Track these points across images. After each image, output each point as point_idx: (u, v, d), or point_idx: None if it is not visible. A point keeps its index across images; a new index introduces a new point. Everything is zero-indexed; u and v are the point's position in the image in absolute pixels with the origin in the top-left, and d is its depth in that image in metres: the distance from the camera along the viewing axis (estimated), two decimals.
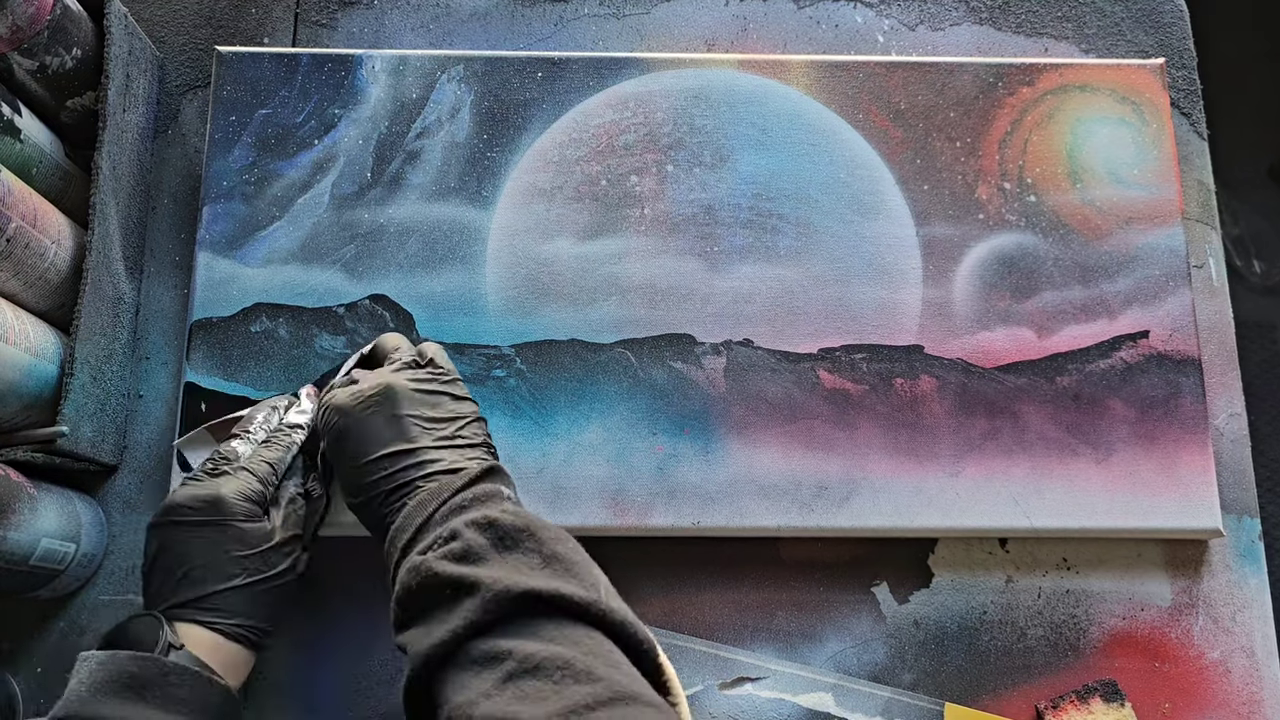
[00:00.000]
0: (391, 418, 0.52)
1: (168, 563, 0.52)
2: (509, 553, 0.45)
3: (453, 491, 0.49)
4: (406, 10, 0.74)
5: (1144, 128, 0.70)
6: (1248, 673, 0.64)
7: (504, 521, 0.46)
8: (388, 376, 0.54)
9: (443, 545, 0.46)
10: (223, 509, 0.53)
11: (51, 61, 0.62)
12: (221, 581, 0.52)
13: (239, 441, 0.57)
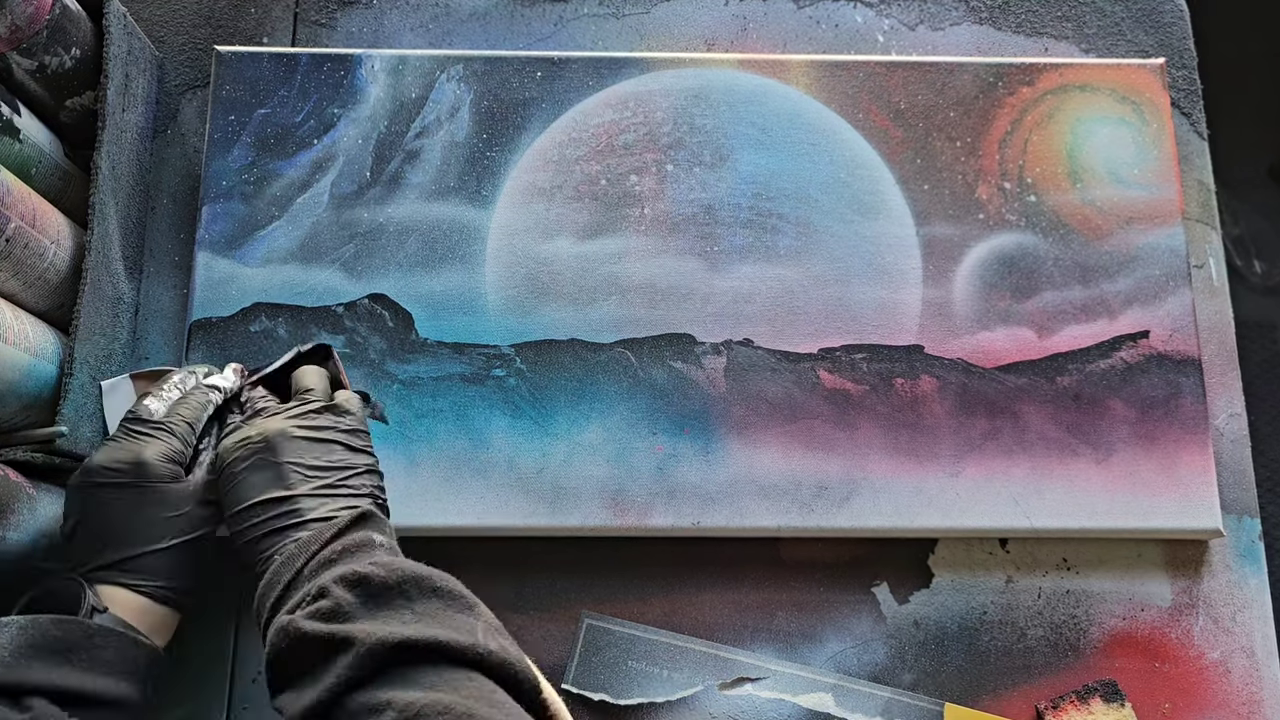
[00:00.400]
0: (272, 464, 0.51)
1: (89, 526, 0.51)
2: (379, 610, 0.43)
3: (321, 544, 0.47)
4: (406, 10, 0.74)
5: (1144, 127, 0.70)
6: (1248, 673, 0.64)
7: (374, 577, 0.44)
8: (276, 423, 0.53)
9: (311, 603, 0.44)
10: (145, 472, 0.52)
11: (50, 61, 0.62)
12: (145, 544, 0.51)
13: (153, 399, 0.56)
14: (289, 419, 0.53)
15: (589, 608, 0.64)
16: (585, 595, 0.64)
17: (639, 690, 0.62)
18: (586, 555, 0.64)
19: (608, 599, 0.64)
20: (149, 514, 0.52)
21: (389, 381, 0.65)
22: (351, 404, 0.56)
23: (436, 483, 0.63)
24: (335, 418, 0.54)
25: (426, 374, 0.65)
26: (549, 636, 0.63)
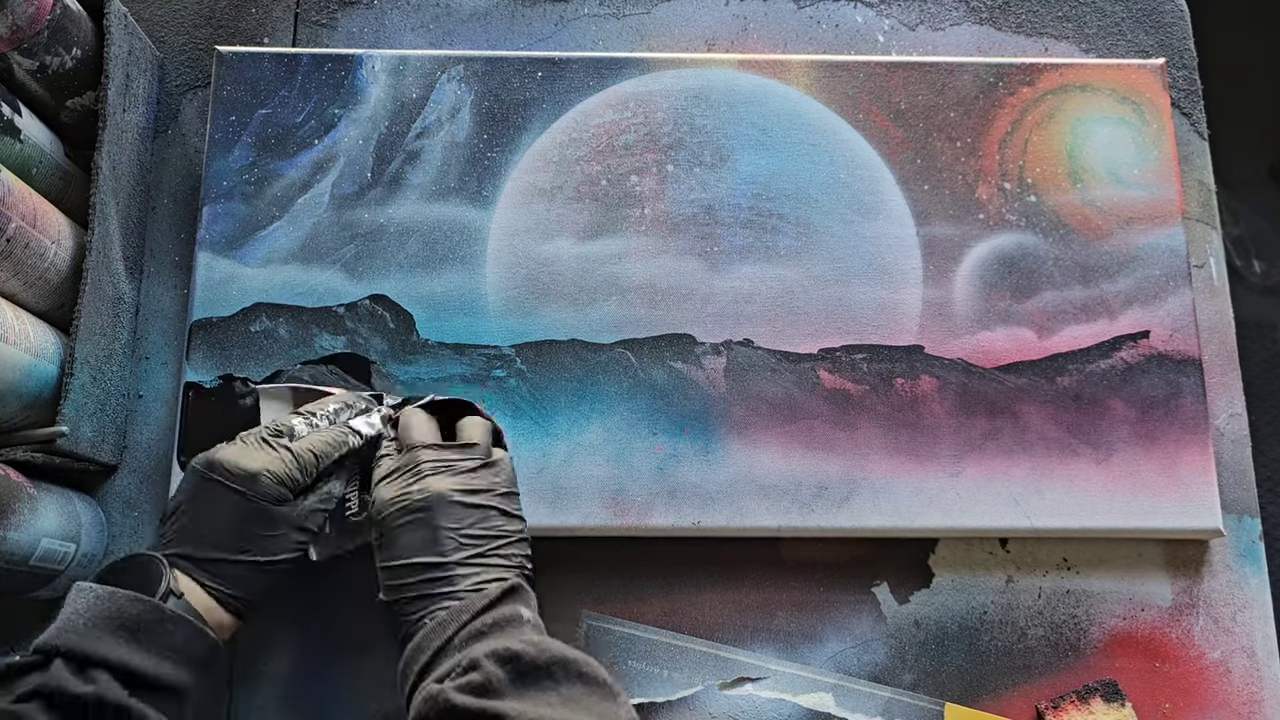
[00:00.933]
0: (431, 528, 0.52)
1: (190, 514, 0.52)
2: (528, 690, 0.44)
3: (472, 614, 0.48)
4: (406, 10, 0.74)
5: (1144, 128, 0.70)
6: (1248, 673, 0.64)
7: (525, 655, 0.45)
8: (437, 484, 0.53)
9: (461, 675, 0.45)
10: (256, 486, 0.53)
11: (51, 61, 0.62)
12: (231, 552, 0.52)
13: (301, 420, 0.57)
14: (450, 480, 0.53)
15: (589, 608, 0.64)
16: (585, 595, 0.64)
17: (639, 690, 0.62)
18: (586, 555, 0.64)
19: (608, 599, 0.64)
20: (247, 526, 0.53)
21: (390, 382, 0.65)
22: (507, 465, 0.56)
23: None
24: (493, 478, 0.55)
25: (427, 375, 0.65)
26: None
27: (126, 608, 0.47)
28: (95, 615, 0.47)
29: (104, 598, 0.47)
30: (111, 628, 0.47)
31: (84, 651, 0.45)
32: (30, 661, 0.46)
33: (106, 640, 0.46)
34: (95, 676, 0.45)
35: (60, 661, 0.45)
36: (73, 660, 0.45)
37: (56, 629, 0.46)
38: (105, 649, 0.46)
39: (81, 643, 0.46)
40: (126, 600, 0.47)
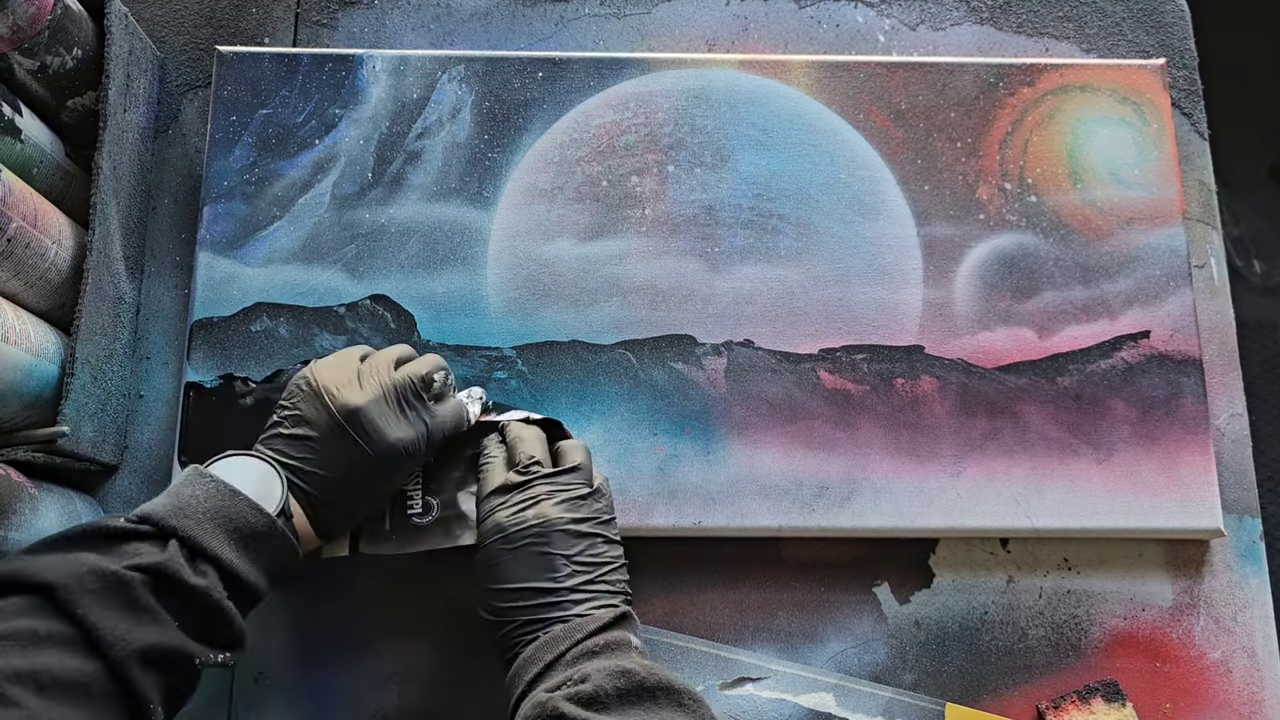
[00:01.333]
0: (543, 554, 0.52)
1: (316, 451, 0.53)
2: (633, 707, 0.45)
3: (586, 634, 0.49)
4: (407, 10, 0.74)
5: (1145, 128, 0.70)
6: (1249, 673, 0.64)
7: (636, 675, 0.46)
8: (553, 511, 0.53)
9: (571, 686, 0.46)
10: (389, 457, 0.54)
11: (52, 61, 0.62)
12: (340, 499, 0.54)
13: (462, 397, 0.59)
14: (563, 507, 0.54)
15: None
16: None
17: None
18: None
19: None
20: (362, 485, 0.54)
21: None
22: (607, 491, 0.57)
23: None
24: (596, 505, 0.55)
25: None
26: None
27: (246, 514, 0.48)
28: (213, 510, 0.48)
29: (224, 494, 0.49)
30: (227, 527, 0.48)
31: (199, 543, 0.46)
32: (142, 530, 0.46)
33: (219, 538, 0.47)
34: (205, 570, 0.46)
35: (176, 544, 0.46)
36: (187, 547, 0.46)
37: (173, 509, 0.47)
38: (218, 547, 0.47)
39: (198, 533, 0.47)
40: (247, 506, 0.49)
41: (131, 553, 0.45)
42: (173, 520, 0.46)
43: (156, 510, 0.47)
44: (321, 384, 0.54)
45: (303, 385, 0.54)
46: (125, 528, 0.46)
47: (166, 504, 0.48)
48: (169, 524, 0.46)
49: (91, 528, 0.46)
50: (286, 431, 0.54)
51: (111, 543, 0.45)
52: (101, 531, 0.46)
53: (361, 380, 0.54)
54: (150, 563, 0.44)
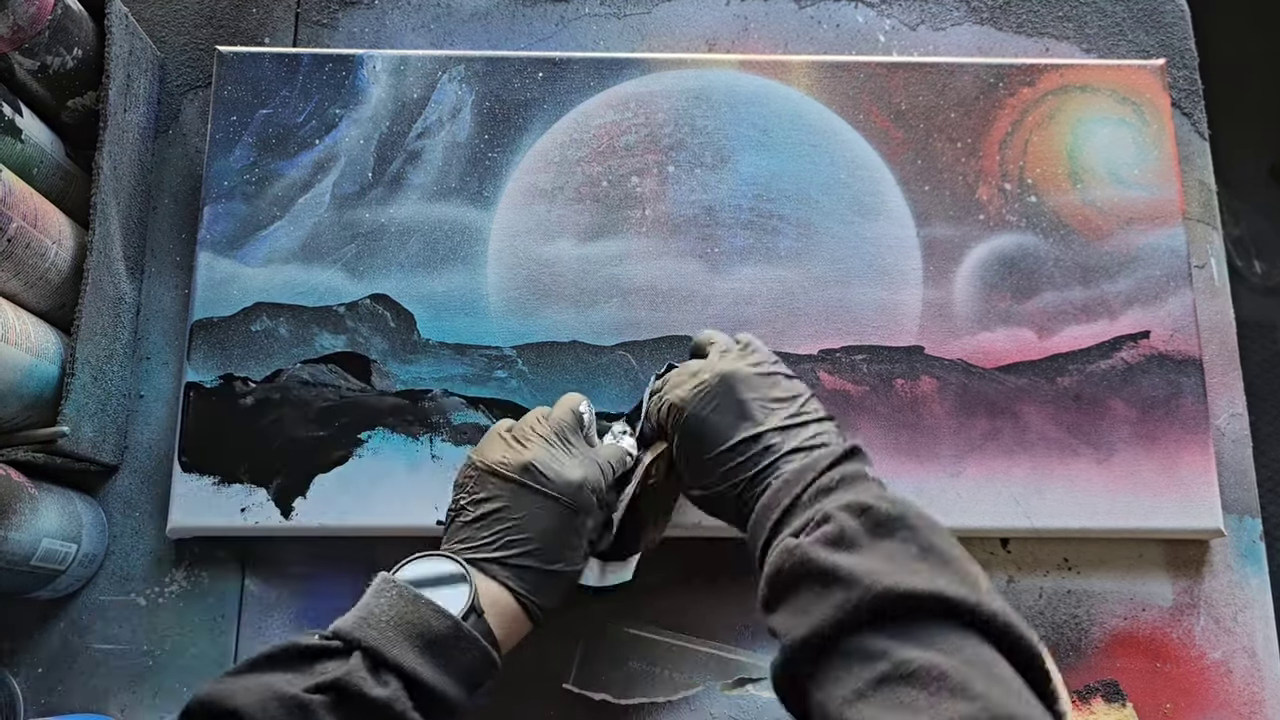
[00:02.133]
0: (736, 403, 0.52)
1: (508, 519, 0.51)
2: (883, 540, 0.43)
3: (818, 472, 0.48)
4: (407, 10, 0.74)
5: (1145, 128, 0.70)
6: (1249, 673, 0.64)
7: (879, 508, 0.44)
8: (722, 364, 0.53)
9: (815, 528, 0.45)
10: (579, 497, 0.52)
11: (52, 61, 0.62)
12: (545, 561, 0.51)
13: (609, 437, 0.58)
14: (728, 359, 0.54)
15: (588, 608, 0.64)
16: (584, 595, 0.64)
17: (640, 690, 0.62)
18: None
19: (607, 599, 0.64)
20: (564, 537, 0.52)
21: (390, 381, 0.65)
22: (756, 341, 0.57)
23: (437, 484, 0.63)
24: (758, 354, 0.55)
25: (428, 375, 0.65)
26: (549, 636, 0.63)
27: (430, 620, 0.47)
28: (397, 618, 0.47)
29: (408, 601, 0.47)
30: (410, 634, 0.47)
31: (383, 653, 0.45)
32: (331, 647, 0.46)
33: (403, 646, 0.46)
34: (388, 680, 0.45)
35: (359, 655, 0.45)
36: (369, 657, 0.45)
37: (359, 620, 0.47)
38: (401, 655, 0.46)
39: (381, 642, 0.46)
40: (430, 612, 0.47)
41: (321, 670, 0.45)
42: (358, 632, 0.46)
43: (345, 624, 0.47)
44: (486, 461, 0.53)
45: (470, 473, 0.54)
46: (316, 645, 0.46)
47: (355, 616, 0.47)
48: (354, 636, 0.46)
49: (285, 648, 0.46)
50: (470, 516, 0.52)
51: (303, 662, 0.45)
52: (294, 651, 0.46)
53: (520, 440, 0.54)
54: (332, 679, 0.44)
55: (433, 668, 0.46)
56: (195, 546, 0.64)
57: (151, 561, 0.64)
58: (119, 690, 0.62)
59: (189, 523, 0.62)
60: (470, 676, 0.48)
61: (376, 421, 0.64)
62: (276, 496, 0.62)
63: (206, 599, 0.63)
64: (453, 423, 0.64)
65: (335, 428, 0.64)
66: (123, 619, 0.63)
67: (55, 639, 0.63)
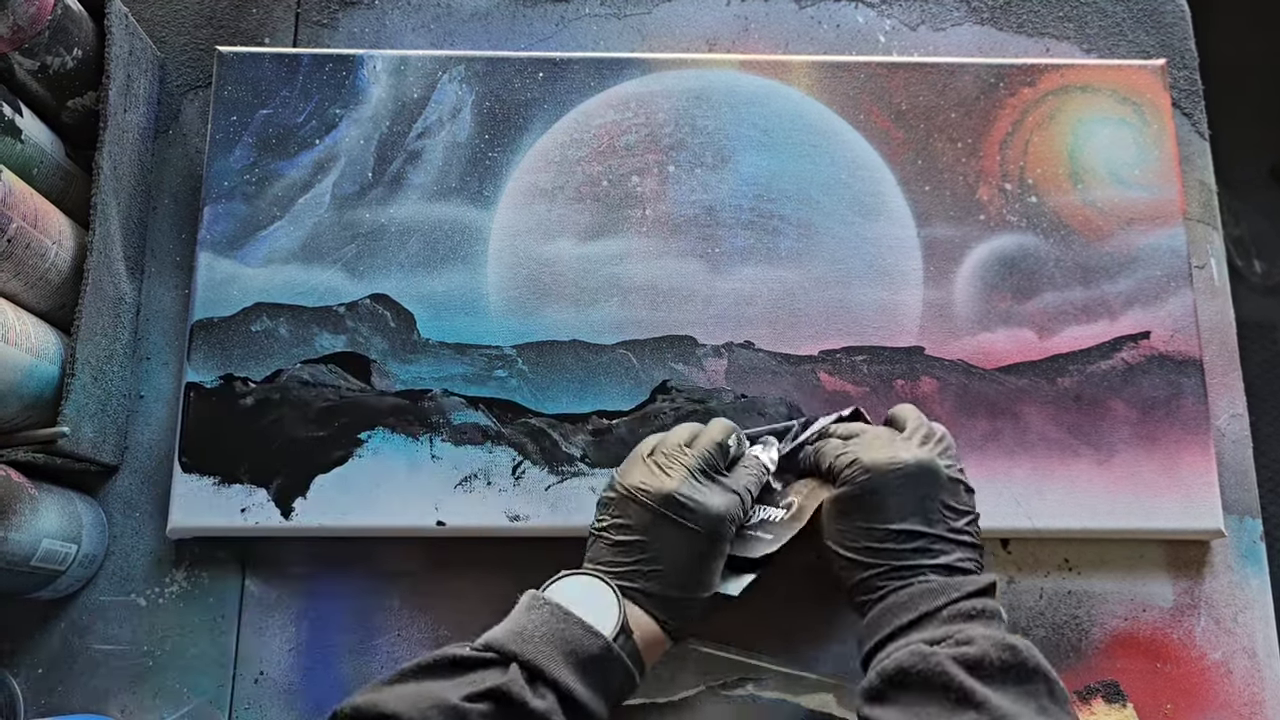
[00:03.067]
0: (920, 497, 0.53)
1: (644, 548, 0.52)
2: (1018, 684, 0.46)
3: (963, 594, 0.49)
4: (407, 10, 0.74)
5: (1145, 128, 0.70)
6: (1249, 673, 0.64)
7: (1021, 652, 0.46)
8: (922, 453, 0.54)
9: (955, 646, 0.46)
10: (720, 530, 0.53)
11: (52, 61, 0.62)
12: (685, 590, 0.52)
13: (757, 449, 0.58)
14: (931, 449, 0.54)
15: None
16: None
17: (640, 691, 0.62)
18: None
19: None
20: (704, 565, 0.53)
21: (390, 380, 0.65)
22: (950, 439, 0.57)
23: (437, 484, 0.63)
24: (954, 451, 0.55)
25: (428, 374, 0.65)
26: None
27: (583, 639, 0.48)
28: (550, 634, 0.48)
29: (559, 619, 0.48)
30: (563, 650, 0.47)
31: (540, 667, 0.46)
32: (485, 658, 0.47)
33: (558, 663, 0.47)
34: (544, 694, 0.46)
35: (517, 668, 0.46)
36: (526, 670, 0.46)
37: (513, 634, 0.48)
38: (557, 671, 0.47)
39: (537, 657, 0.47)
40: (582, 631, 0.48)
41: (475, 679, 0.46)
42: (513, 645, 0.47)
43: (498, 637, 0.48)
44: (629, 485, 0.53)
45: (612, 496, 0.54)
46: (471, 656, 0.47)
47: (507, 630, 0.48)
48: (509, 649, 0.47)
49: (437, 659, 0.47)
50: (612, 540, 0.53)
51: (457, 671, 0.46)
52: (445, 661, 0.47)
53: (663, 468, 0.54)
54: (490, 687, 0.45)
55: (584, 685, 0.47)
56: (195, 547, 0.64)
57: (152, 562, 0.64)
58: (119, 691, 0.62)
59: (189, 523, 0.62)
60: (613, 695, 0.49)
61: (376, 421, 0.64)
62: (277, 497, 0.62)
63: (207, 599, 0.63)
64: (453, 422, 0.64)
65: (335, 428, 0.64)
66: (123, 619, 0.63)
67: (55, 639, 0.63)
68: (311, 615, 0.63)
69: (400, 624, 0.63)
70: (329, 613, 0.64)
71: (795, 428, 0.61)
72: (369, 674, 0.62)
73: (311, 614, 0.63)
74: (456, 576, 0.64)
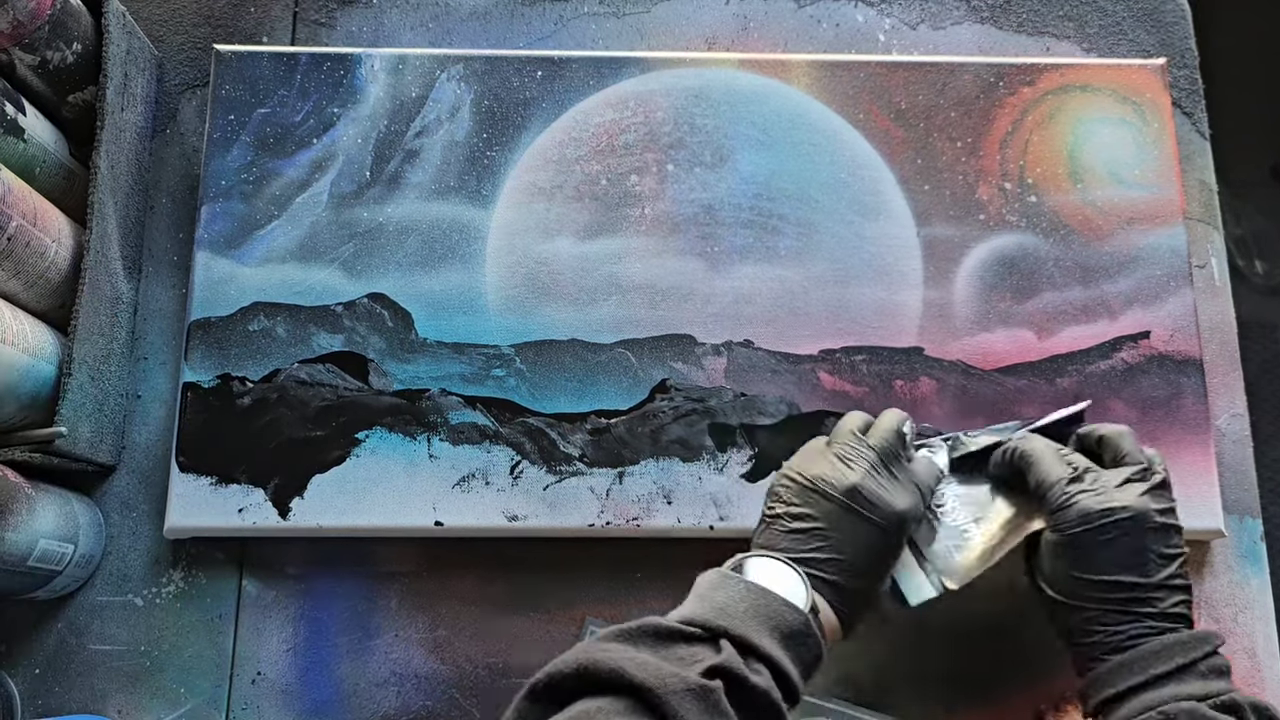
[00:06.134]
0: (1134, 549, 0.52)
1: (825, 536, 0.52)
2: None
3: (1212, 648, 0.50)
4: (406, 9, 0.74)
5: (1145, 128, 0.70)
6: (1249, 674, 0.64)
7: None
8: (1136, 502, 0.53)
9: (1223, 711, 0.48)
10: (900, 527, 0.53)
11: (52, 56, 0.62)
12: (862, 581, 0.52)
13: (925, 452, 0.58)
14: (1147, 497, 0.53)
15: (589, 610, 0.64)
16: (585, 597, 0.64)
17: None
18: (586, 557, 0.64)
19: (607, 601, 0.64)
20: (881, 560, 0.53)
21: (388, 380, 0.64)
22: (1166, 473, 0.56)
23: (435, 484, 0.63)
24: (1168, 491, 0.55)
25: (426, 374, 0.64)
26: (548, 639, 0.63)
27: (785, 613, 0.47)
28: (752, 609, 0.47)
29: (757, 594, 0.48)
30: (769, 625, 0.47)
31: (751, 642, 0.45)
32: (689, 632, 0.46)
33: (765, 635, 0.46)
34: (759, 669, 0.45)
35: (728, 644, 0.45)
36: (737, 646, 0.45)
37: (714, 609, 0.47)
38: (769, 645, 0.46)
39: (747, 631, 0.46)
40: (783, 605, 0.48)
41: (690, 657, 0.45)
42: (720, 620, 0.46)
43: (699, 613, 0.47)
44: (811, 477, 0.53)
45: (788, 484, 0.54)
46: (674, 627, 0.46)
47: (704, 606, 0.47)
48: (716, 624, 0.46)
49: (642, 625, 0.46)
50: (789, 526, 0.52)
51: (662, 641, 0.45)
52: (649, 629, 0.46)
53: (845, 460, 0.54)
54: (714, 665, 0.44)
55: (790, 659, 0.47)
56: (193, 547, 0.64)
57: (149, 562, 0.64)
58: (116, 691, 0.62)
59: (186, 523, 0.62)
60: (807, 672, 0.48)
61: (374, 421, 0.64)
62: (274, 497, 0.62)
63: (204, 599, 0.63)
64: (450, 422, 0.64)
65: (332, 427, 0.63)
66: (120, 619, 0.63)
67: (52, 640, 0.63)
68: (309, 616, 0.63)
69: (398, 624, 0.63)
70: (326, 613, 0.63)
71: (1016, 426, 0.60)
72: (367, 674, 0.62)
73: (309, 614, 0.63)
74: (454, 576, 0.64)
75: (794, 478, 0.53)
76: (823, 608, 0.51)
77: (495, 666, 0.62)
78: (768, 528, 0.53)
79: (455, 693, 0.62)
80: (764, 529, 0.54)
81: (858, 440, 0.55)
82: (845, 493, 0.52)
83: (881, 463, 0.54)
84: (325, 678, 0.62)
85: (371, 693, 0.62)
